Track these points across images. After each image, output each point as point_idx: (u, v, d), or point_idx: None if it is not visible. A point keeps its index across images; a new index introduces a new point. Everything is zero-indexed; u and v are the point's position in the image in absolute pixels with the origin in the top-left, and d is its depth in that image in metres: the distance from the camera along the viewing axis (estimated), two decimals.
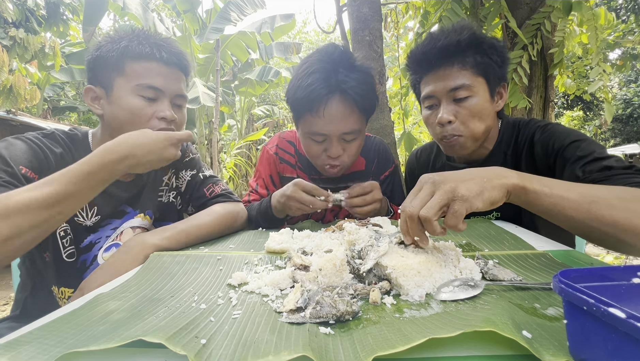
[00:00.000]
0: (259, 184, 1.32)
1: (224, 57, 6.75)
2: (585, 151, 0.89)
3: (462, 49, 1.00)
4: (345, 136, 1.08)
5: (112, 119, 0.94)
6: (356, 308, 0.50)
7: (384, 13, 3.35)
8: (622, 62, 4.46)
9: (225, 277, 0.69)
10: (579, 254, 0.77)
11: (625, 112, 11.69)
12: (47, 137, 0.92)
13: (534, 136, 1.04)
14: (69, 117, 10.72)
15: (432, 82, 1.05)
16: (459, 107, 1.02)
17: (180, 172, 1.18)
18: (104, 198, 0.99)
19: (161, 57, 0.94)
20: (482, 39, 1.01)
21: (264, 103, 12.24)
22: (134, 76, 0.92)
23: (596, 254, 3.87)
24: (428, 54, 1.03)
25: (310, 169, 1.29)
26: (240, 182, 7.68)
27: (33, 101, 5.94)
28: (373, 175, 1.32)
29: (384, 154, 1.33)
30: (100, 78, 0.95)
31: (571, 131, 0.97)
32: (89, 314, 0.52)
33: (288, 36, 12.69)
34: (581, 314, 0.35)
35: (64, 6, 6.99)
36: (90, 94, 0.97)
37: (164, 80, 0.95)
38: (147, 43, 0.93)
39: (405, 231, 0.63)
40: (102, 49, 0.93)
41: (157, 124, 0.95)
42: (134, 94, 0.92)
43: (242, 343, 0.43)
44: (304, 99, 1.03)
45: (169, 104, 0.97)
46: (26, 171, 0.82)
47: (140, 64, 0.93)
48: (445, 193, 0.59)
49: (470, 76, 1.01)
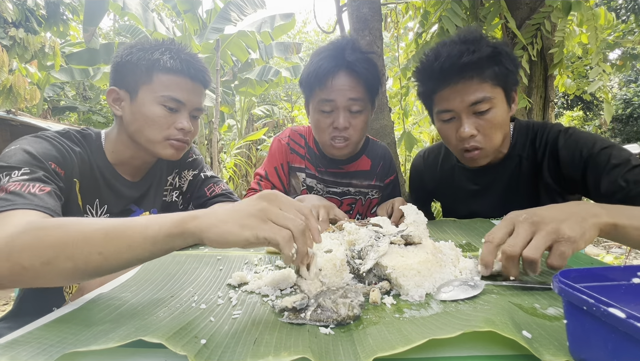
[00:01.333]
0: (268, 172, 1.35)
1: (224, 57, 6.74)
2: (619, 158, 0.88)
3: (482, 64, 0.97)
4: (352, 105, 1.14)
5: (133, 121, 0.97)
6: (357, 311, 0.49)
7: (384, 13, 3.35)
8: (622, 62, 4.47)
9: (225, 277, 0.69)
10: (578, 254, 0.77)
11: (625, 112, 11.69)
12: (63, 136, 0.93)
13: (556, 141, 1.02)
14: (68, 117, 10.72)
15: (449, 97, 1.01)
16: (480, 120, 0.99)
17: (183, 172, 1.20)
18: (115, 196, 1.01)
19: (189, 73, 0.98)
20: (499, 50, 0.99)
21: (264, 103, 12.24)
22: (160, 86, 0.96)
23: (596, 254, 3.87)
24: (446, 71, 0.99)
25: (317, 161, 1.33)
26: (240, 182, 7.67)
27: (33, 100, 5.94)
28: (377, 177, 1.35)
29: (389, 161, 1.40)
30: (126, 82, 0.97)
31: (596, 137, 0.96)
32: (89, 314, 0.52)
33: (288, 36, 12.70)
34: (581, 314, 0.35)
35: (64, 6, 6.98)
36: (113, 95, 0.99)
37: (187, 94, 0.99)
38: (178, 59, 0.97)
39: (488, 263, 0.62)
40: (134, 55, 0.96)
41: (174, 133, 0.98)
42: (157, 103, 0.96)
43: (242, 343, 0.43)
44: (313, 72, 1.14)
45: (187, 116, 1.01)
46: (55, 167, 0.83)
47: (168, 77, 0.96)
48: (549, 234, 0.59)
49: (489, 88, 0.98)
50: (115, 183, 1.01)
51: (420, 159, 1.42)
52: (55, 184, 0.79)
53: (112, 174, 1.01)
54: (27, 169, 0.75)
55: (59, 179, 0.83)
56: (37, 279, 0.55)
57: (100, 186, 0.98)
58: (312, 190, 1.34)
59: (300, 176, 1.35)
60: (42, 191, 0.72)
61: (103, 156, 1.00)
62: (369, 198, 1.37)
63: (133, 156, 1.03)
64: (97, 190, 0.98)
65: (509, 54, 1.00)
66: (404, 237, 0.68)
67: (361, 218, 1.35)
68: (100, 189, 0.98)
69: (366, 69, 1.13)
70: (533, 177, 0.84)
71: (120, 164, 1.03)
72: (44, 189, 0.73)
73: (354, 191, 1.34)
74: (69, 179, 0.88)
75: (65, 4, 6.96)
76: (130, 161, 1.03)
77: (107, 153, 1.01)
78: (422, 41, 2.47)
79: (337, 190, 1.34)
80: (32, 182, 0.73)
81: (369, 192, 1.36)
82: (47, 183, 0.76)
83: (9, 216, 0.63)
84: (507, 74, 0.99)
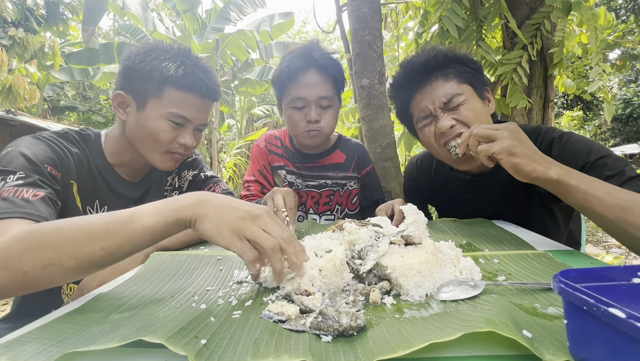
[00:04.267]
0: (255, 175, 1.44)
1: (224, 57, 6.74)
2: (613, 169, 0.86)
3: (441, 62, 1.03)
4: (322, 101, 1.24)
5: (136, 130, 0.95)
6: (362, 322, 0.47)
7: (384, 13, 3.35)
8: (621, 62, 4.47)
9: (225, 277, 0.69)
10: (579, 254, 0.78)
11: (624, 112, 11.69)
12: (61, 137, 0.92)
13: (550, 149, 1.00)
14: (68, 117, 10.71)
15: (421, 101, 1.06)
16: (455, 114, 1.01)
17: (183, 172, 1.20)
18: (115, 197, 1.01)
19: (200, 92, 0.96)
20: (454, 53, 1.06)
21: (263, 103, 12.23)
22: (170, 102, 0.94)
23: (596, 254, 3.87)
24: (408, 75, 1.07)
25: (294, 158, 1.44)
26: (240, 182, 7.66)
27: (32, 100, 5.93)
28: (353, 169, 1.45)
29: (363, 154, 1.50)
30: (135, 89, 0.94)
31: (592, 145, 0.94)
32: (89, 314, 0.52)
33: (288, 36, 12.69)
34: (581, 314, 0.35)
35: (63, 6, 6.98)
36: (119, 99, 0.96)
37: (196, 112, 0.98)
38: (192, 75, 0.94)
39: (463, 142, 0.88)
40: (147, 64, 0.92)
41: (176, 147, 0.98)
42: (164, 118, 0.94)
43: (242, 343, 0.43)
44: (285, 70, 1.23)
45: (192, 132, 1.00)
46: (51, 169, 0.82)
47: (179, 93, 0.94)
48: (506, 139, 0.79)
49: (456, 85, 1.02)
50: (115, 184, 1.01)
51: (413, 167, 1.43)
52: (50, 188, 0.79)
53: (111, 175, 1.00)
54: (22, 173, 0.75)
55: (55, 182, 0.82)
56: (38, 283, 0.56)
57: (99, 187, 0.98)
58: (292, 185, 1.43)
59: (281, 173, 1.44)
60: (36, 196, 0.72)
61: (102, 157, 1.00)
62: (347, 188, 1.45)
63: (133, 159, 1.02)
64: (97, 191, 0.97)
65: (469, 58, 1.07)
66: (404, 237, 0.68)
67: (341, 208, 1.45)
68: (99, 190, 0.98)
69: (333, 66, 1.25)
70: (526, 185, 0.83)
71: (120, 165, 1.02)
72: (38, 194, 0.73)
73: (331, 183, 1.43)
74: (65, 182, 0.87)
75: (64, 3, 6.96)
76: (130, 162, 1.03)
77: (107, 154, 1.00)
78: (422, 41, 2.47)
79: (315, 183, 1.42)
80: (26, 187, 0.73)
81: (346, 183, 1.44)
82: (41, 187, 0.76)
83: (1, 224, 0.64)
84: (472, 72, 1.04)
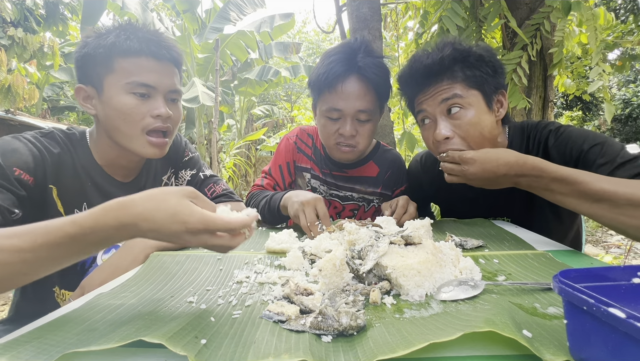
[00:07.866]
0: (272, 169, 1.34)
1: (224, 57, 6.73)
2: (606, 156, 0.85)
3: (447, 65, 0.97)
4: (360, 114, 1.12)
5: (106, 119, 0.91)
6: (362, 322, 0.47)
7: (383, 13, 3.35)
8: (621, 62, 4.46)
9: (225, 277, 0.69)
10: (578, 254, 0.78)
11: (624, 113, 11.69)
12: (46, 136, 0.90)
13: (547, 141, 1.00)
14: (68, 117, 10.69)
15: (423, 100, 1.03)
16: (455, 122, 0.97)
17: (180, 172, 1.16)
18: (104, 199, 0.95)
19: (151, 52, 0.89)
20: (467, 52, 0.98)
21: (263, 103, 12.23)
22: (123, 73, 0.87)
23: (595, 254, 3.88)
24: (415, 74, 1.02)
25: (322, 162, 1.32)
26: (240, 182, 7.66)
27: (32, 100, 5.92)
28: (384, 185, 1.31)
29: (399, 169, 1.34)
30: (90, 77, 0.90)
31: (587, 133, 0.93)
32: (89, 314, 0.52)
33: (288, 36, 12.68)
34: (581, 314, 0.35)
35: (63, 5, 6.97)
36: (81, 94, 0.92)
37: (156, 76, 0.90)
38: (135, 38, 0.87)
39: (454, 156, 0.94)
40: (89, 45, 0.88)
41: (152, 122, 0.91)
42: (125, 92, 0.88)
43: (242, 344, 0.43)
44: (323, 75, 1.10)
45: (163, 101, 0.92)
46: (19, 173, 0.79)
47: (129, 60, 0.87)
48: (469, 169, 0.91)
49: (461, 88, 0.97)
50: (104, 184, 0.96)
51: (417, 164, 1.37)
52: (10, 194, 0.76)
53: (100, 175, 0.96)
54: None
55: (21, 188, 0.79)
56: None
57: (86, 188, 0.93)
58: (315, 191, 1.33)
59: (305, 176, 1.34)
60: None
61: (90, 157, 0.95)
62: (373, 205, 1.33)
63: (118, 155, 0.97)
64: (83, 193, 0.93)
65: (485, 58, 0.98)
66: (404, 237, 0.68)
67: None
68: (86, 192, 0.93)
69: (377, 75, 1.10)
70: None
71: (109, 165, 0.98)
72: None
73: (357, 197, 1.31)
74: (41, 187, 0.84)
75: (64, 3, 6.95)
76: (117, 160, 0.98)
77: (94, 154, 0.96)
78: (422, 41, 2.47)
79: (340, 194, 1.32)
80: None
81: (373, 199, 1.32)
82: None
83: None
84: (482, 77, 0.97)
